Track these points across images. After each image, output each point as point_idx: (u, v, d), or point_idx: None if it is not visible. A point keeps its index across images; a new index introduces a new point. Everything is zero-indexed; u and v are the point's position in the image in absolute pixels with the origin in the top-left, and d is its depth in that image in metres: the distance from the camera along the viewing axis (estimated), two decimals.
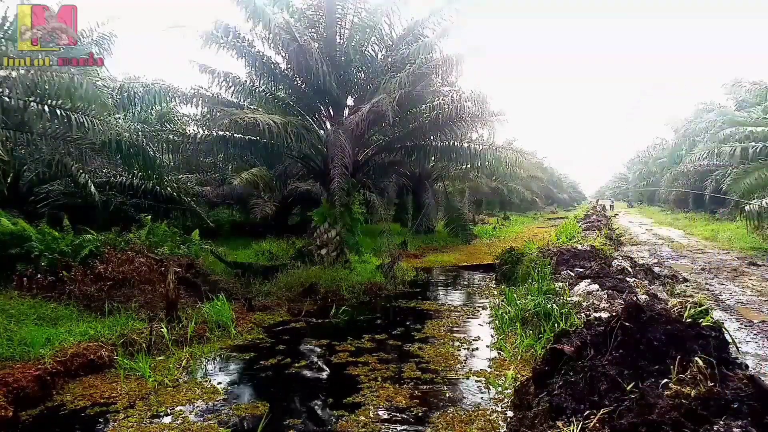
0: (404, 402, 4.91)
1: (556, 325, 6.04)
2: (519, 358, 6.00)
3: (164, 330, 6.59)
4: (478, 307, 9.27)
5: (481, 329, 7.72)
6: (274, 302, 9.37)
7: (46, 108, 8.36)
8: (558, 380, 3.76)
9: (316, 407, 4.96)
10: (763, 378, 3.05)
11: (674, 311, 4.15)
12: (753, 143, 16.24)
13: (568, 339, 4.38)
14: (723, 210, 25.99)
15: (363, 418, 4.55)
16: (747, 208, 13.72)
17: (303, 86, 11.86)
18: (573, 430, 2.97)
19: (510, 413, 4.53)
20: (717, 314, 7.01)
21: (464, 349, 6.65)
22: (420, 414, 4.67)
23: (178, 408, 4.87)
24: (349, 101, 12.39)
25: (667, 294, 8.16)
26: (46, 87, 7.55)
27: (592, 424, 3.04)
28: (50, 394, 5.15)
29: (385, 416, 4.63)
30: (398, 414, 4.68)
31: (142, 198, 12.33)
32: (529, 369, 5.13)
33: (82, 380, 5.52)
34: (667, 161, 38.92)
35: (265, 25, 10.24)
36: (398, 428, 4.44)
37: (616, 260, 10.00)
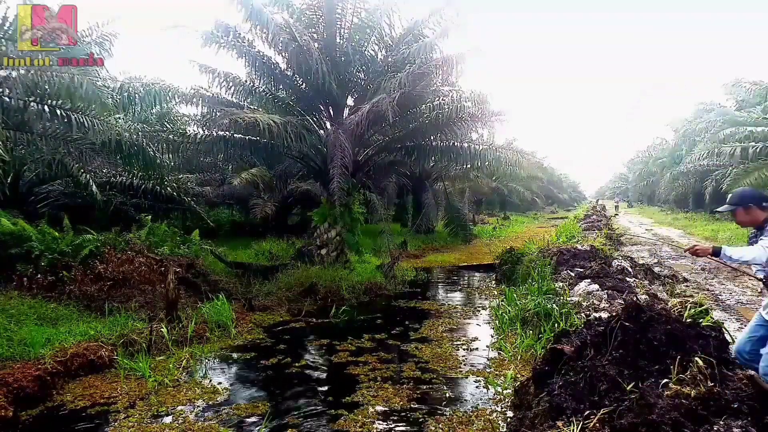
0: (404, 402, 4.92)
1: (556, 325, 6.05)
2: (519, 358, 6.00)
3: (164, 330, 6.59)
4: (478, 307, 9.28)
5: (480, 329, 7.72)
6: (274, 302, 9.37)
7: (46, 108, 8.35)
8: (558, 380, 3.77)
9: (317, 407, 4.96)
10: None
11: (674, 311, 4.15)
12: (753, 143, 16.25)
13: (568, 339, 4.39)
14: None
15: (362, 418, 4.56)
16: None
17: (303, 86, 11.86)
18: (573, 430, 2.98)
19: (510, 413, 4.53)
20: (717, 314, 7.01)
21: (464, 349, 6.65)
22: (419, 414, 4.67)
23: (179, 408, 4.87)
24: (349, 101, 12.39)
25: (667, 294, 8.16)
26: (46, 87, 7.55)
27: (592, 424, 3.05)
28: (50, 394, 5.15)
29: (385, 416, 4.64)
30: (398, 414, 4.68)
31: (142, 198, 12.33)
32: (529, 369, 5.13)
33: (82, 380, 5.52)
34: (667, 161, 38.92)
35: (264, 25, 10.24)
36: (397, 428, 4.44)
37: (616, 260, 9.99)
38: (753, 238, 3.35)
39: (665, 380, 3.09)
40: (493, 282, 11.95)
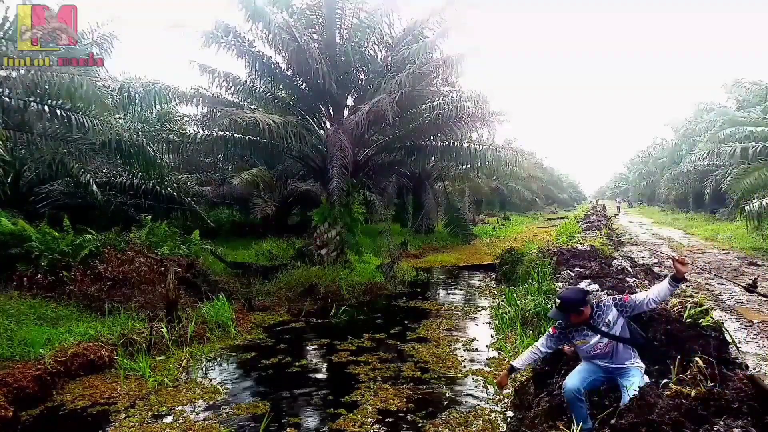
0: (403, 401, 4.92)
1: None
2: None
3: (164, 330, 6.60)
4: (478, 307, 9.28)
5: (480, 329, 7.73)
6: (274, 302, 9.37)
7: (46, 108, 8.34)
8: (558, 380, 3.77)
9: (317, 406, 4.96)
10: (763, 378, 3.05)
11: (674, 311, 4.15)
12: (753, 143, 16.22)
13: None
14: (723, 210, 25.98)
15: (362, 418, 4.56)
16: (747, 208, 13.71)
17: (303, 86, 11.86)
18: (573, 430, 2.98)
19: (510, 413, 4.53)
20: (717, 314, 7.00)
21: (464, 348, 6.65)
22: (419, 413, 4.67)
23: (179, 408, 4.87)
24: (349, 101, 12.38)
25: None
26: (46, 87, 7.53)
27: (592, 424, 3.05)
28: (50, 394, 5.15)
29: (384, 415, 4.64)
30: (397, 413, 4.68)
31: (142, 198, 12.30)
32: (529, 369, 5.13)
33: (82, 380, 5.53)
34: (667, 161, 38.87)
35: (265, 25, 10.24)
36: (397, 428, 4.44)
37: (616, 260, 9.98)
38: (574, 332, 3.38)
39: (665, 380, 3.09)
40: (493, 282, 11.94)
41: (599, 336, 3.25)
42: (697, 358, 3.18)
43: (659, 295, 3.25)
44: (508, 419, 4.42)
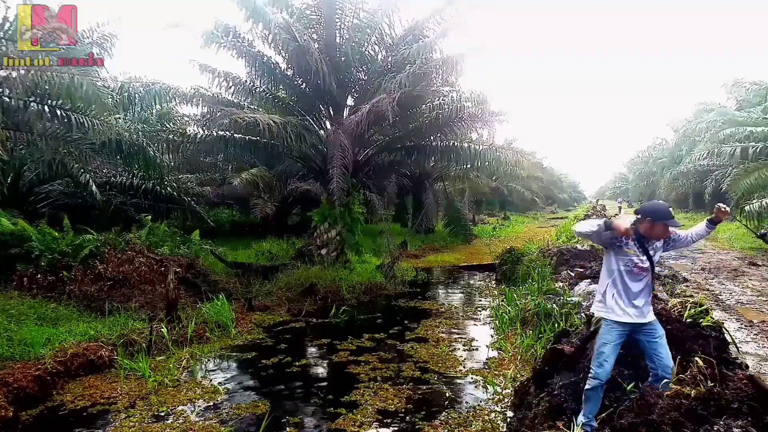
0: (403, 401, 4.92)
1: (556, 325, 6.05)
2: (519, 358, 6.00)
3: (164, 330, 6.59)
4: (478, 307, 9.28)
5: (481, 329, 7.73)
6: (274, 302, 9.37)
7: (46, 108, 8.35)
8: (558, 380, 3.77)
9: (317, 406, 4.97)
10: (763, 378, 3.05)
11: (674, 311, 4.15)
12: (753, 143, 16.24)
13: (568, 339, 4.39)
14: None
15: (361, 417, 4.56)
16: (747, 208, 13.72)
17: (303, 86, 11.86)
18: (573, 430, 2.98)
19: (510, 413, 4.53)
20: (717, 314, 6.99)
21: (464, 348, 6.65)
22: (419, 413, 4.67)
23: (179, 408, 4.87)
24: (349, 101, 12.39)
25: (667, 294, 8.14)
26: (46, 87, 7.53)
27: None
28: (50, 394, 5.15)
29: (384, 415, 4.64)
30: (397, 413, 4.68)
31: (142, 198, 12.31)
32: (529, 369, 5.14)
33: (82, 380, 5.52)
34: (667, 161, 38.87)
35: (265, 25, 10.25)
36: (396, 428, 4.44)
37: None
38: (627, 239, 3.44)
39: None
40: (493, 282, 11.94)
41: (645, 256, 3.36)
42: (697, 358, 3.18)
43: (698, 234, 3.62)
44: (508, 419, 4.42)
